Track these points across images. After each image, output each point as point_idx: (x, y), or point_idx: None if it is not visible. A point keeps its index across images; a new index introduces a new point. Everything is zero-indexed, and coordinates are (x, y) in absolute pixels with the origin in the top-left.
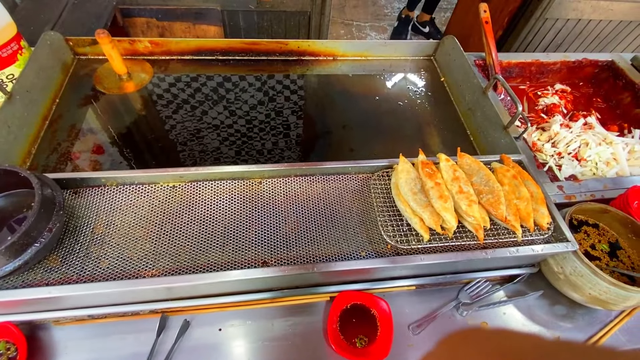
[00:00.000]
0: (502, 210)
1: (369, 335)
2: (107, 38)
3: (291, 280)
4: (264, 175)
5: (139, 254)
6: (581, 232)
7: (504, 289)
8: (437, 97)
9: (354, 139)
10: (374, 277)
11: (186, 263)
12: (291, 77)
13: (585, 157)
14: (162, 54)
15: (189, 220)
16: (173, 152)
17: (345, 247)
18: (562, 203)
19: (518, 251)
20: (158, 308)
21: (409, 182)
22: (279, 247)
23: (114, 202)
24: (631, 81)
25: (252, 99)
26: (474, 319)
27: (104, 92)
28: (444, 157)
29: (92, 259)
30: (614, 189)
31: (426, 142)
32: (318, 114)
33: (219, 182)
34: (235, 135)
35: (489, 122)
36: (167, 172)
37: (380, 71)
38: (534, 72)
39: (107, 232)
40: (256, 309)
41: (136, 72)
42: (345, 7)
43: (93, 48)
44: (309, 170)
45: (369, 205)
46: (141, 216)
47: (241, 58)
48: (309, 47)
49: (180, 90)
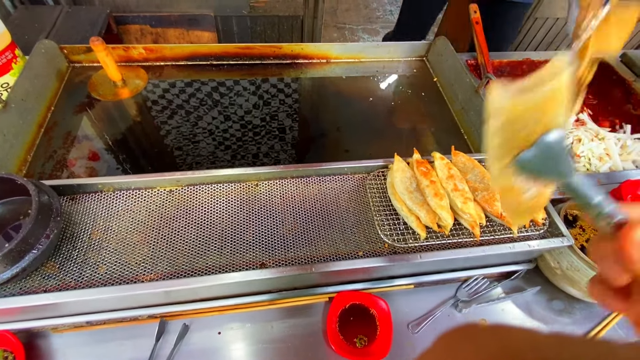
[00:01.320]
0: (497, 206)
1: (368, 335)
2: (101, 45)
3: (289, 282)
4: (260, 177)
5: (137, 259)
6: (577, 227)
7: (502, 286)
8: (430, 97)
9: (349, 140)
10: (372, 277)
11: (184, 266)
12: (285, 80)
13: (578, 153)
14: (157, 60)
15: (186, 224)
16: (169, 157)
17: (342, 247)
18: (557, 199)
19: (514, 247)
20: (157, 313)
21: (405, 181)
22: (276, 248)
23: (111, 207)
24: (621, 77)
25: (247, 103)
26: (473, 316)
27: (99, 98)
28: (439, 155)
29: (89, 264)
30: (608, 184)
31: (421, 141)
32: (313, 116)
33: (216, 186)
34: (231, 140)
35: (483, 120)
36: (164, 176)
37: (374, 73)
38: (526, 70)
39: (105, 238)
40: (255, 311)
41: (131, 78)
42: (338, 11)
43: (87, 55)
44: (305, 172)
45: (365, 205)
46: (138, 221)
47: (235, 63)
48: (302, 50)
49: (175, 96)
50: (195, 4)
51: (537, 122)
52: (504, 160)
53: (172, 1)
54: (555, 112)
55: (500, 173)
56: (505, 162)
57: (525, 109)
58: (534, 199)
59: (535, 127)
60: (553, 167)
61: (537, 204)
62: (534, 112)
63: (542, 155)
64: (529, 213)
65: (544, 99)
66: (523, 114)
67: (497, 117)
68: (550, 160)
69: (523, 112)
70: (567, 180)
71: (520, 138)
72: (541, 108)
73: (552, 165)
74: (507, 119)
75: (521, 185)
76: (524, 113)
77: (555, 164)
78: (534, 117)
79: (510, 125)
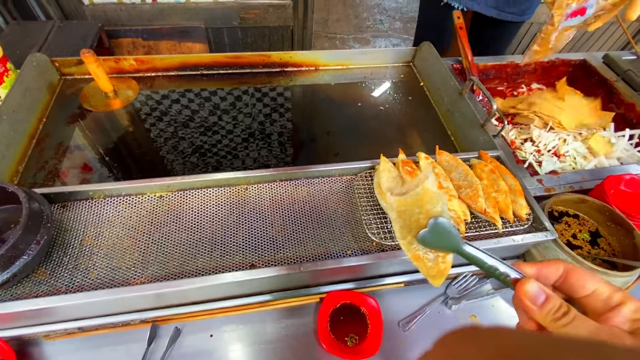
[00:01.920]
0: (481, 203)
1: (359, 334)
2: (92, 57)
3: (280, 283)
4: (249, 181)
5: (128, 264)
6: (562, 223)
7: (491, 282)
8: (417, 101)
9: (338, 144)
10: (362, 276)
11: (175, 270)
12: (275, 88)
13: (563, 152)
14: (148, 70)
15: (176, 228)
16: (161, 165)
17: (331, 246)
18: (542, 196)
19: (499, 242)
20: (148, 317)
21: (390, 181)
22: (266, 250)
23: (101, 214)
24: (603, 78)
25: (237, 111)
26: (463, 313)
27: (90, 109)
28: (423, 155)
29: (80, 270)
30: (592, 180)
31: (408, 143)
32: (303, 122)
33: (206, 190)
34: (222, 147)
35: (467, 121)
36: (154, 182)
37: (362, 79)
38: (510, 73)
39: (96, 244)
40: (247, 313)
41: (122, 89)
42: (329, 21)
43: (79, 68)
44: (293, 175)
45: (353, 205)
46: (129, 226)
47: (225, 72)
48: (291, 58)
49: (166, 105)
50: (185, 16)
51: (420, 212)
52: (408, 238)
53: (163, 14)
54: (430, 205)
55: (409, 247)
56: (409, 239)
57: (407, 205)
58: (441, 264)
59: (420, 215)
60: (445, 241)
61: (445, 268)
62: (414, 207)
63: (434, 233)
64: (440, 275)
65: (416, 198)
66: (407, 208)
67: (391, 211)
68: (441, 236)
69: (406, 207)
70: (459, 250)
71: (414, 222)
72: (417, 204)
73: (444, 240)
74: (398, 212)
75: (426, 255)
76: (407, 207)
77: (447, 240)
78: (415, 209)
79: (402, 215)
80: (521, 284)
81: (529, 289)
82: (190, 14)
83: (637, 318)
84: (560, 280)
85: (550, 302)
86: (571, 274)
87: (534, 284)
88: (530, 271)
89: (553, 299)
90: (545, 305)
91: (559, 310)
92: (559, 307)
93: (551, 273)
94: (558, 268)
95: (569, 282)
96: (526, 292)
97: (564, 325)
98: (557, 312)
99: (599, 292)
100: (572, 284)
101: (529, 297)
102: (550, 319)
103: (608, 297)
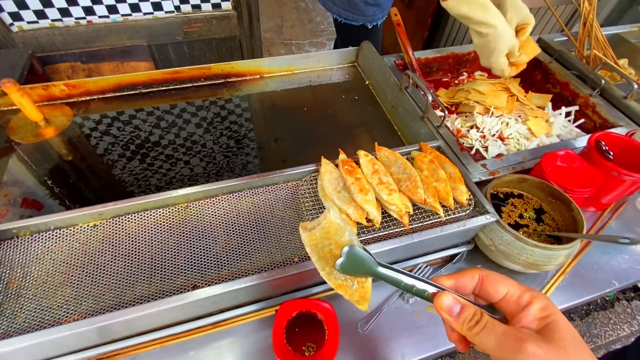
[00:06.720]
0: (420, 194)
1: (317, 341)
2: (14, 87)
3: (228, 300)
4: (189, 198)
5: (59, 301)
6: (509, 205)
7: (446, 270)
8: (364, 100)
9: (286, 151)
10: (315, 282)
11: (111, 301)
12: (219, 100)
13: (507, 135)
14: (81, 95)
15: (112, 257)
16: (102, 190)
17: (278, 256)
18: (487, 180)
19: (444, 230)
20: (90, 356)
21: (332, 182)
22: (209, 268)
23: (29, 252)
24: (538, 60)
25: (181, 127)
26: (421, 306)
27: (19, 142)
28: (363, 153)
29: (5, 316)
30: (532, 160)
31: (357, 142)
32: (249, 132)
33: (143, 214)
34: (166, 165)
35: (410, 115)
36: (84, 211)
37: (308, 83)
38: (452, 63)
39: (23, 285)
40: (200, 337)
41: (55, 116)
42: (283, 28)
43: (3, 99)
44: (236, 187)
45: (299, 211)
46: (60, 261)
47: (166, 88)
48: (233, 68)
49: (102, 129)
50: (125, 36)
51: (330, 244)
52: (326, 269)
53: (100, 35)
54: (338, 236)
55: (329, 277)
56: (327, 269)
57: (317, 238)
58: (361, 289)
59: (331, 247)
60: (360, 266)
61: (366, 292)
62: (324, 239)
63: (349, 260)
64: (364, 300)
65: (324, 232)
66: (318, 241)
67: (306, 245)
68: (356, 263)
69: (317, 240)
70: (374, 272)
71: (327, 253)
72: (326, 236)
73: (359, 266)
74: (311, 246)
75: (346, 282)
76: (318, 241)
77: (361, 265)
78: (325, 241)
79: (315, 249)
80: (437, 298)
81: (444, 302)
82: (130, 32)
83: (544, 316)
84: (477, 288)
85: (464, 312)
86: (485, 280)
87: (448, 296)
88: (448, 283)
89: (467, 308)
90: (461, 315)
91: (472, 319)
92: (473, 315)
93: (468, 282)
94: (473, 277)
95: (485, 288)
96: (442, 305)
97: (477, 333)
98: (471, 320)
99: (510, 294)
100: (488, 290)
101: (445, 309)
102: (466, 327)
103: (519, 298)
